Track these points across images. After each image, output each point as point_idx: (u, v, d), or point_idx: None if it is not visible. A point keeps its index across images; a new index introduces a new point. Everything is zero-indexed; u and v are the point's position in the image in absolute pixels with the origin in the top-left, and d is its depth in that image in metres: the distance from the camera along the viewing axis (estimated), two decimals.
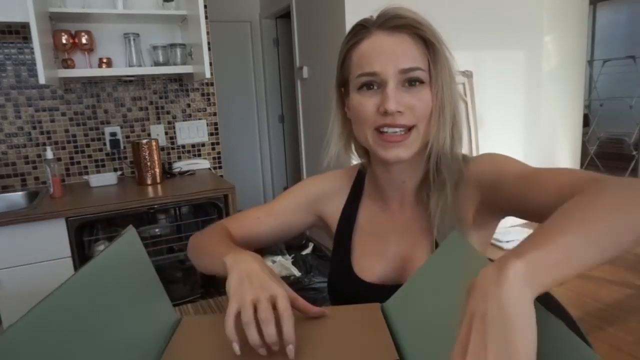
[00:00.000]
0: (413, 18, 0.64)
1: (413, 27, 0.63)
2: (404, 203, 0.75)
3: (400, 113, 0.64)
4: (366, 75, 0.65)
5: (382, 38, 0.65)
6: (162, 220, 2.00)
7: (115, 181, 2.09)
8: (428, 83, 0.64)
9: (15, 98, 2.03)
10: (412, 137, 0.66)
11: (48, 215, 1.61)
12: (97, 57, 2.08)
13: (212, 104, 2.42)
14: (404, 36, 0.64)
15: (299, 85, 3.23)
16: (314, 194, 0.84)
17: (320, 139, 3.51)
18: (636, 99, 5.22)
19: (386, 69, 0.63)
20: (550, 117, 3.76)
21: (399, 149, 0.65)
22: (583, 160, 4.52)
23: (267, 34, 3.94)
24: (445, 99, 0.65)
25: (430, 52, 0.64)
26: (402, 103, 0.63)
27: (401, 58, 0.63)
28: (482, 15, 2.84)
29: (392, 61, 0.63)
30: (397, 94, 0.63)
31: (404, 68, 0.63)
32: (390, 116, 0.63)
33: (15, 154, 2.07)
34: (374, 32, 0.65)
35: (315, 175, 0.88)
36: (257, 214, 0.84)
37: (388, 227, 0.76)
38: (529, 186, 0.58)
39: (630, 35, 5.32)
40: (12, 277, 1.58)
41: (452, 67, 0.67)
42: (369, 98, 0.66)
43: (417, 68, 0.63)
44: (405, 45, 0.64)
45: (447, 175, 0.68)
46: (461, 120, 0.69)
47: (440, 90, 0.64)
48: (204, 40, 1.93)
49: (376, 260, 0.75)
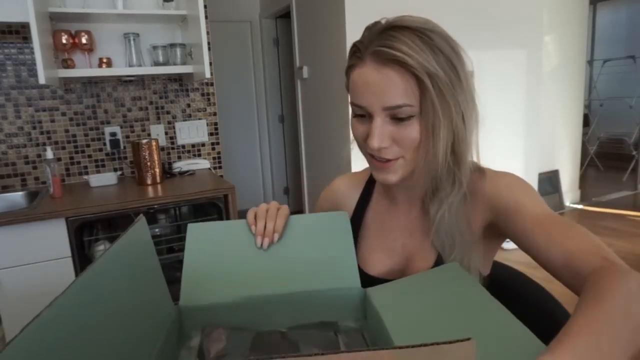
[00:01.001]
0: (405, 51, 0.59)
1: (402, 63, 0.60)
2: (412, 203, 0.77)
3: (385, 148, 0.64)
4: (355, 106, 0.67)
5: (370, 71, 0.63)
6: (162, 220, 2.00)
7: (115, 181, 2.09)
8: (418, 116, 0.63)
9: (15, 98, 2.03)
10: (397, 165, 0.66)
11: (48, 215, 1.61)
12: (97, 57, 2.08)
13: (212, 104, 2.42)
14: (391, 72, 0.61)
15: (299, 85, 3.23)
16: (333, 197, 0.88)
17: (320, 139, 3.51)
18: (636, 99, 5.22)
19: (372, 105, 0.63)
20: (550, 117, 3.76)
21: (388, 174, 0.67)
22: (583, 160, 4.52)
23: (267, 34, 3.94)
24: (439, 129, 0.62)
25: (421, 86, 0.61)
26: (386, 138, 0.64)
27: (387, 95, 0.62)
28: (482, 15, 2.84)
29: (378, 98, 0.63)
30: (382, 129, 0.63)
31: (389, 106, 0.62)
32: (375, 150, 0.65)
33: (15, 154, 2.07)
34: (365, 62, 0.64)
35: (328, 186, 0.91)
36: None
37: (395, 225, 0.78)
38: (539, 235, 0.59)
39: (630, 35, 5.32)
40: (12, 277, 1.58)
41: (453, 85, 0.62)
42: (361, 125, 0.67)
43: (403, 105, 0.62)
44: (392, 82, 0.61)
45: (446, 192, 0.68)
46: (468, 135, 0.66)
47: (431, 120, 0.62)
48: (204, 40, 1.93)
49: (382, 256, 0.78)
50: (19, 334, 0.32)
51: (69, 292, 0.39)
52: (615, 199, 4.20)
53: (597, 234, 2.66)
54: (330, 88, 2.76)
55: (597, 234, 2.66)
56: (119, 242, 0.51)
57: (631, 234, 3.26)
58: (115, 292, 0.49)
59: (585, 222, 3.58)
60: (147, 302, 0.57)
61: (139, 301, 0.55)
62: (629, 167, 4.91)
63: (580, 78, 3.95)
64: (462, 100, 0.64)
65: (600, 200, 4.15)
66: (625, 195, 4.30)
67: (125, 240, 0.52)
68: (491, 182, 0.69)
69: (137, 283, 0.55)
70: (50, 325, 0.36)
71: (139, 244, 0.56)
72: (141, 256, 0.57)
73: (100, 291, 0.46)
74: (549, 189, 3.82)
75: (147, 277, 0.59)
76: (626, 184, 4.67)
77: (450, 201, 0.68)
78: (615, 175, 5.00)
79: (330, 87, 2.76)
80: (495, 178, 0.70)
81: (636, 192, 4.41)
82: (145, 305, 0.57)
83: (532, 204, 0.64)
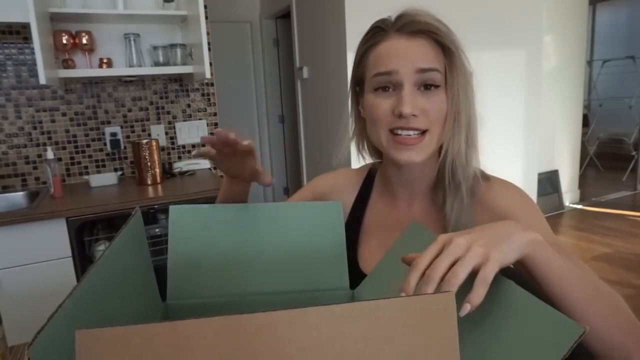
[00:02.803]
0: (431, 23, 0.64)
1: (431, 32, 0.63)
2: (413, 203, 0.76)
3: (415, 116, 0.64)
4: (382, 75, 0.65)
5: (400, 41, 0.65)
6: (162, 220, 2.00)
7: (115, 181, 2.09)
8: (443, 87, 0.64)
9: (15, 98, 2.04)
10: (425, 140, 0.66)
11: (48, 215, 1.61)
12: (97, 58, 2.08)
13: (212, 104, 2.42)
14: (421, 40, 0.64)
15: (299, 85, 3.23)
16: (321, 190, 0.84)
17: (320, 139, 3.50)
18: (636, 99, 5.22)
19: (403, 69, 0.63)
20: (549, 117, 3.76)
21: (412, 152, 0.66)
22: (582, 161, 4.52)
23: (267, 34, 3.94)
24: (461, 105, 0.65)
25: (447, 57, 0.64)
26: (416, 106, 0.64)
27: (418, 58, 0.63)
28: (482, 15, 2.84)
29: (410, 61, 0.63)
30: (412, 97, 0.63)
31: (421, 68, 0.63)
32: (404, 119, 0.64)
33: (16, 154, 2.07)
34: (392, 36, 0.66)
35: (325, 173, 0.88)
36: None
37: (395, 225, 0.77)
38: None
39: (630, 35, 5.32)
40: (12, 277, 1.58)
41: (469, 74, 0.67)
42: (384, 99, 0.66)
43: (434, 69, 0.63)
44: (423, 48, 0.64)
45: (462, 180, 0.68)
46: (477, 128, 0.68)
47: (455, 95, 0.64)
48: (204, 40, 1.94)
49: (381, 255, 0.76)
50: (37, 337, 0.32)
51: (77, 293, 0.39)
52: (614, 199, 4.20)
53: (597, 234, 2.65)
54: (330, 88, 2.76)
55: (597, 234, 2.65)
56: (118, 238, 0.51)
57: (631, 234, 3.26)
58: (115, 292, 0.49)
59: (584, 222, 3.58)
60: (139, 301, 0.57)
61: (133, 299, 0.55)
62: (628, 167, 4.91)
63: (579, 78, 3.96)
64: (471, 96, 0.67)
65: (600, 201, 4.15)
66: (624, 195, 4.30)
67: (124, 237, 0.52)
68: (493, 190, 0.69)
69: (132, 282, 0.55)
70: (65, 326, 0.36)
71: (134, 240, 0.56)
72: (136, 252, 0.57)
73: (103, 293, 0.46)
74: (548, 189, 3.83)
75: (141, 274, 0.58)
76: (626, 184, 4.68)
77: (463, 196, 0.68)
78: (615, 176, 5.00)
79: (330, 87, 2.76)
80: (496, 186, 0.69)
81: (636, 192, 4.41)
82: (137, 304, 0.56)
83: (529, 221, 0.62)
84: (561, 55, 3.76)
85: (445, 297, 0.34)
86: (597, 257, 2.88)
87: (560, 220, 3.65)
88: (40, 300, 1.59)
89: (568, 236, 3.29)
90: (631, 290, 2.42)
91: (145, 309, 0.58)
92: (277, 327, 0.31)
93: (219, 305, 0.63)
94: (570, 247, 3.09)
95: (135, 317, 0.53)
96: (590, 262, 2.81)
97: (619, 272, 2.64)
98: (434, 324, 0.34)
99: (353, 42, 2.53)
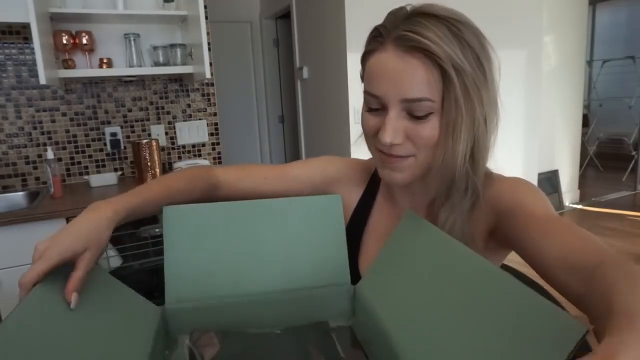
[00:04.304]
0: (430, 41, 0.55)
1: (427, 52, 0.55)
2: (416, 210, 0.73)
3: (397, 145, 0.59)
4: (369, 95, 0.61)
5: (391, 58, 0.57)
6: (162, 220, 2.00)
7: (115, 181, 2.09)
8: (438, 112, 0.58)
9: (15, 98, 2.04)
10: (407, 163, 0.61)
11: (48, 215, 1.61)
12: (97, 58, 2.08)
13: (212, 104, 2.42)
14: (415, 61, 0.56)
15: (299, 85, 3.23)
16: (331, 175, 0.79)
17: (320, 139, 3.49)
18: (635, 99, 5.22)
19: (389, 95, 0.58)
20: (549, 117, 3.76)
21: (396, 173, 0.63)
22: (582, 161, 4.52)
23: (267, 35, 3.94)
24: (464, 126, 0.57)
25: (445, 82, 0.56)
26: (400, 133, 0.59)
27: (406, 86, 0.56)
28: (481, 15, 2.83)
29: (397, 87, 0.57)
30: (396, 124, 0.58)
31: (408, 98, 0.57)
32: (386, 145, 0.60)
33: (16, 154, 2.07)
34: (387, 47, 0.58)
35: (335, 156, 0.83)
36: (264, 172, 0.78)
37: None
38: (536, 231, 0.54)
39: (630, 35, 5.33)
40: (12, 277, 1.58)
41: (479, 83, 0.58)
42: (372, 117, 0.62)
43: (424, 99, 0.56)
44: (414, 71, 0.56)
45: (460, 198, 0.63)
46: (488, 139, 0.61)
47: (452, 118, 0.57)
48: (204, 40, 1.94)
49: None
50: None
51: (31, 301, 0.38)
52: (614, 199, 4.20)
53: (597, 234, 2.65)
54: (330, 88, 2.76)
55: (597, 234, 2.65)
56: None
57: (631, 234, 3.26)
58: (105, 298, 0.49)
59: (584, 222, 3.58)
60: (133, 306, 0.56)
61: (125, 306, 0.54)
62: (628, 167, 4.91)
63: (579, 78, 3.96)
64: (486, 100, 0.59)
65: (600, 201, 4.15)
66: (624, 195, 4.31)
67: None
68: (495, 185, 0.65)
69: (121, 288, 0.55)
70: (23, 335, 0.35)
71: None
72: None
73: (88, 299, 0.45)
74: (548, 189, 3.83)
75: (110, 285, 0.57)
76: (625, 184, 4.68)
77: (462, 208, 0.63)
78: (615, 176, 5.00)
79: (330, 87, 2.76)
80: (500, 181, 0.66)
81: (635, 192, 4.42)
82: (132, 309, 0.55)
83: (534, 203, 0.59)
84: (561, 56, 3.76)
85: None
86: None
87: None
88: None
89: None
90: None
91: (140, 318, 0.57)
92: None
93: (219, 308, 0.62)
94: None
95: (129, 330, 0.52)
96: None
97: None
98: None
99: (353, 42, 2.53)
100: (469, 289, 0.46)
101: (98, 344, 0.47)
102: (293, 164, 0.81)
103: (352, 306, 0.65)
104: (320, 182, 0.79)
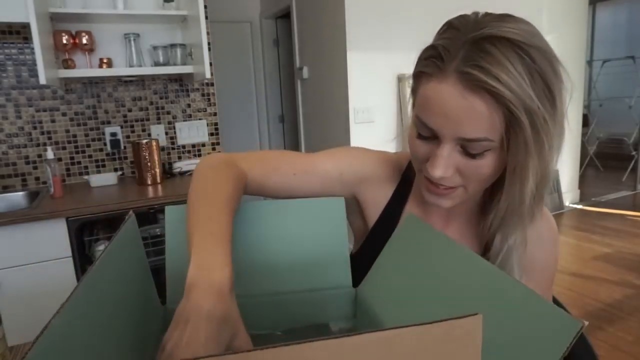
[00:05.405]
0: (503, 79, 0.48)
1: (496, 94, 0.49)
2: (450, 223, 0.71)
3: (446, 177, 0.55)
4: (422, 124, 0.55)
5: (452, 93, 0.51)
6: (162, 220, 2.00)
7: (115, 181, 2.09)
8: (497, 148, 0.53)
9: (15, 98, 2.04)
10: (456, 193, 0.58)
11: (48, 215, 1.61)
12: (97, 58, 2.08)
13: (212, 104, 2.42)
14: (479, 102, 0.50)
15: (299, 85, 3.23)
16: (361, 172, 0.72)
17: (320, 139, 3.50)
18: (635, 99, 5.22)
19: (443, 131, 0.53)
20: None
21: (441, 199, 0.59)
22: (582, 161, 4.52)
23: (267, 34, 3.94)
24: (531, 166, 0.52)
25: (511, 121, 0.50)
26: (451, 168, 0.55)
27: (466, 127, 0.51)
28: None
29: (454, 126, 0.52)
30: (449, 160, 0.54)
31: (465, 138, 0.52)
32: (435, 179, 0.56)
33: (16, 154, 2.07)
34: (448, 78, 0.51)
35: (361, 149, 0.75)
36: (292, 167, 0.69)
37: None
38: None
39: (630, 35, 5.33)
40: (12, 277, 1.58)
41: (548, 119, 0.51)
42: (422, 143, 0.57)
43: (483, 139, 0.51)
44: (476, 112, 0.50)
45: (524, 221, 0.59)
46: (553, 167, 0.56)
47: (521, 161, 0.52)
48: (204, 40, 1.94)
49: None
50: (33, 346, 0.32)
51: (73, 300, 0.39)
52: (614, 199, 4.20)
53: (597, 234, 2.67)
54: (330, 88, 2.76)
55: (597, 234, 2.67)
56: (112, 244, 0.50)
57: (631, 234, 3.26)
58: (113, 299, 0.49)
59: (584, 222, 3.58)
60: (138, 306, 0.57)
61: (131, 305, 0.54)
62: (628, 167, 4.92)
63: (579, 78, 3.96)
64: (554, 131, 0.53)
65: (600, 200, 4.15)
66: (624, 195, 4.31)
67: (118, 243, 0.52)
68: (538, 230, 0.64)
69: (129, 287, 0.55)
70: (62, 333, 0.36)
71: (129, 246, 0.55)
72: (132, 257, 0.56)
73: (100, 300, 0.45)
74: None
75: (138, 278, 0.58)
76: (625, 184, 4.68)
77: (522, 235, 0.60)
78: (615, 176, 5.01)
79: (330, 87, 2.76)
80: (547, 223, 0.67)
81: (635, 192, 4.42)
82: (136, 309, 0.56)
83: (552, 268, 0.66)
84: (561, 55, 3.73)
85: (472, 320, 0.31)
86: (597, 257, 2.88)
87: (560, 220, 3.65)
88: (40, 300, 1.59)
89: (568, 236, 3.29)
90: (631, 290, 2.42)
91: (145, 314, 0.57)
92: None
93: None
94: (570, 247, 3.09)
95: (135, 324, 0.53)
96: (590, 262, 2.81)
97: (619, 272, 2.64)
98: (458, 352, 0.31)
99: (353, 42, 2.54)
100: (470, 289, 0.47)
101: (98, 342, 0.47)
102: (319, 156, 0.72)
103: (353, 308, 0.65)
104: (350, 177, 0.72)
